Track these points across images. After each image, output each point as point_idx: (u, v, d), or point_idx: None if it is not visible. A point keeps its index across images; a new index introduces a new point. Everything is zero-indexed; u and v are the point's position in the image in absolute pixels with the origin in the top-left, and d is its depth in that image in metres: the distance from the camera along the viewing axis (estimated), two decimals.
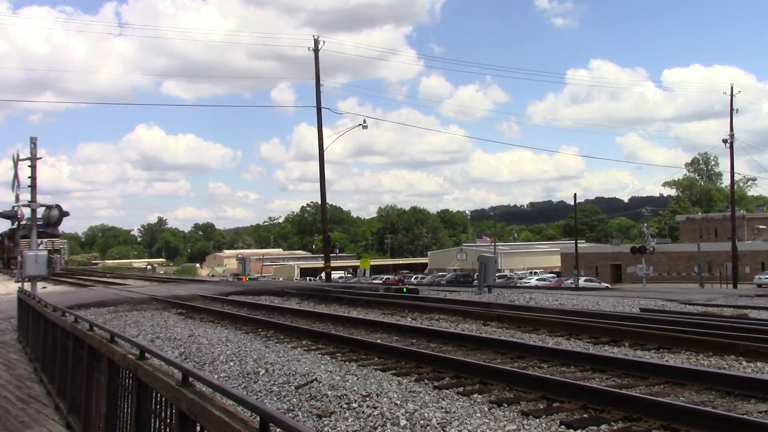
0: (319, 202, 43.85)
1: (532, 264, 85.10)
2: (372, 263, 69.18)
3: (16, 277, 21.96)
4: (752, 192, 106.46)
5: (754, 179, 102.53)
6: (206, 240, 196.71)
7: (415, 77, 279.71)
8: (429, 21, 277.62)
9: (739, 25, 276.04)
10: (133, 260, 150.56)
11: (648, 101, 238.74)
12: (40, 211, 18.62)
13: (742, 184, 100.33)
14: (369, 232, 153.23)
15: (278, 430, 2.51)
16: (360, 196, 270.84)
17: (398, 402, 6.99)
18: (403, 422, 6.30)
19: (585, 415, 6.60)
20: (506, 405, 7.03)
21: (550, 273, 70.86)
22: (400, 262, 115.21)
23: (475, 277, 32.92)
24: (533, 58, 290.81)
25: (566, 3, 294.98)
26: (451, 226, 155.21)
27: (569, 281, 56.77)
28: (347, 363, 9.84)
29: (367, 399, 7.16)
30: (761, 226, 73.38)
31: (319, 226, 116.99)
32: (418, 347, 10.94)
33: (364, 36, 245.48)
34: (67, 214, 19.26)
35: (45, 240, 43.45)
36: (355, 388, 7.68)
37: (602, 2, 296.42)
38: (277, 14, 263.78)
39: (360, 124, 38.93)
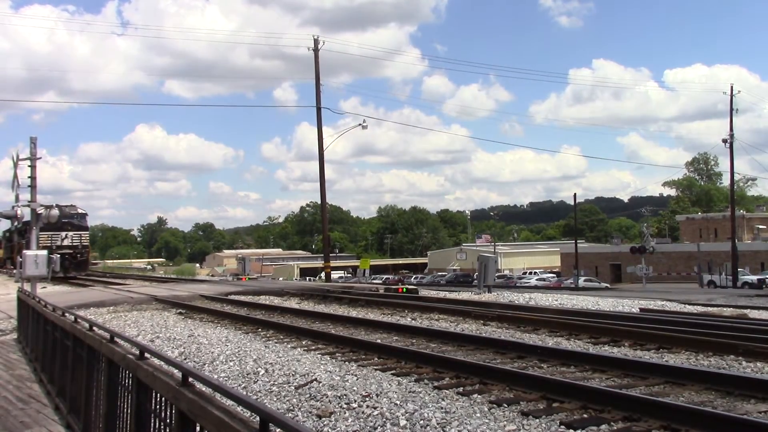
0: (319, 202, 43.85)
1: (532, 264, 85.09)
2: (372, 263, 69.29)
3: (15, 278, 21.93)
4: (752, 192, 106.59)
5: (754, 179, 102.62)
6: (206, 240, 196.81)
7: (418, 77, 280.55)
8: (433, 20, 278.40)
9: (742, 25, 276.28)
10: (133, 260, 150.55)
11: (651, 101, 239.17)
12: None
13: (742, 184, 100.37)
14: (369, 232, 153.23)
15: (278, 430, 2.51)
16: (361, 196, 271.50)
17: (398, 402, 6.99)
18: (403, 422, 6.30)
19: (585, 415, 6.59)
20: (506, 405, 7.02)
21: (550, 273, 70.87)
22: (400, 262, 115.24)
23: (475, 277, 32.92)
24: (536, 57, 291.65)
25: (571, 1, 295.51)
26: (451, 226, 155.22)
27: (569, 281, 56.78)
28: (347, 363, 9.84)
29: (367, 399, 7.15)
30: (761, 226, 73.41)
31: (318, 226, 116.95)
32: (418, 347, 10.93)
33: (369, 35, 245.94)
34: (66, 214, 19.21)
35: (71, 234, 39.30)
36: (354, 388, 7.67)
37: (606, 1, 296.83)
38: (280, 13, 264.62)
39: (360, 124, 38.98)
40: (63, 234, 38.42)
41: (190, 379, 3.48)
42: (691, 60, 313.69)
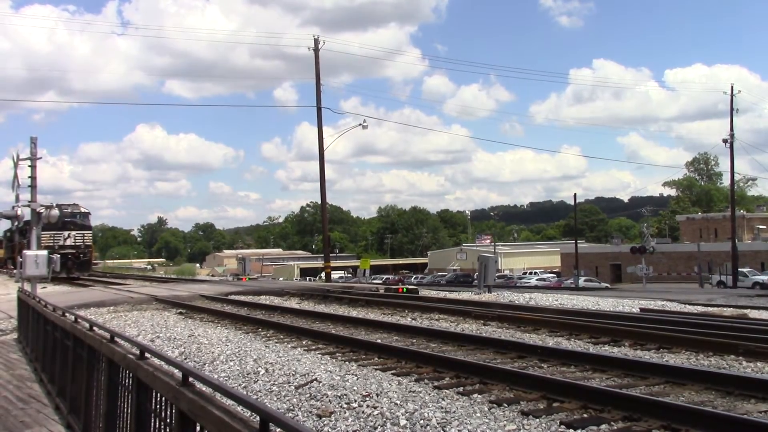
0: (320, 202, 43.85)
1: (532, 264, 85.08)
2: (372, 263, 69.25)
3: (16, 278, 21.91)
4: (752, 192, 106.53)
5: (754, 179, 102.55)
6: (206, 240, 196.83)
7: (419, 76, 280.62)
8: (434, 20, 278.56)
9: (743, 25, 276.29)
10: (133, 260, 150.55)
11: (651, 101, 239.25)
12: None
13: (742, 184, 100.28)
14: (369, 232, 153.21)
15: (278, 430, 2.51)
16: (361, 196, 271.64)
17: (398, 402, 7.00)
18: (403, 422, 6.30)
19: (585, 415, 6.60)
20: (506, 405, 7.03)
21: (550, 273, 70.86)
22: (400, 262, 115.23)
23: (475, 277, 32.92)
24: (536, 57, 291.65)
25: (572, 1, 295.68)
26: (452, 226, 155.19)
27: (569, 281, 56.76)
28: (347, 363, 9.84)
29: (367, 399, 7.16)
30: (761, 226, 73.40)
31: (318, 226, 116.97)
32: (418, 347, 10.94)
33: (369, 35, 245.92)
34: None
35: (74, 233, 38.01)
36: (355, 388, 7.68)
37: (607, 1, 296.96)
38: (280, 13, 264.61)
39: (360, 124, 39.01)
40: (65, 233, 37.58)
41: (191, 379, 3.48)
42: (691, 60, 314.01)
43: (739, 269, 52.14)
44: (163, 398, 3.66)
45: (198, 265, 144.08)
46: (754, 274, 51.76)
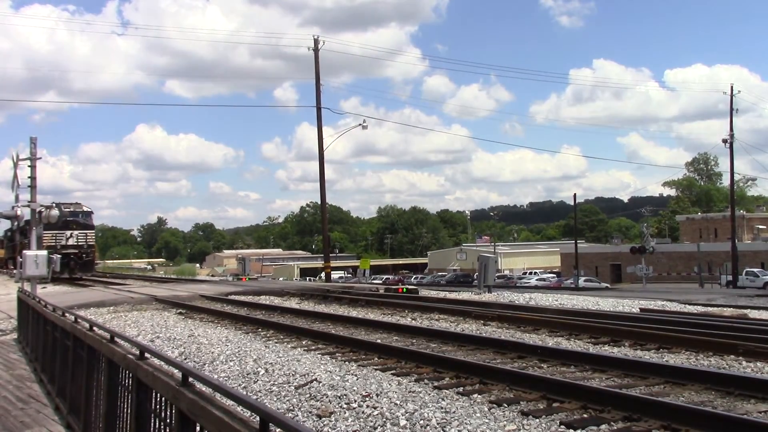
0: (319, 202, 43.85)
1: (532, 264, 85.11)
2: (372, 263, 69.34)
3: (16, 278, 21.90)
4: (752, 192, 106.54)
5: (753, 179, 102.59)
6: (206, 240, 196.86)
7: (419, 76, 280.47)
8: (434, 20, 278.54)
9: (743, 24, 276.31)
10: (133, 260, 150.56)
11: (651, 101, 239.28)
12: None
13: (741, 184, 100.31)
14: (369, 232, 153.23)
15: (278, 430, 2.51)
16: (361, 196, 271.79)
17: (398, 402, 7.00)
18: (403, 422, 6.30)
19: (585, 415, 6.60)
20: (506, 405, 7.03)
21: (550, 273, 70.88)
22: (400, 262, 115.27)
23: (475, 277, 32.92)
24: (536, 57, 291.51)
25: (572, 1, 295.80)
26: (451, 226, 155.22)
27: (569, 281, 56.78)
28: (347, 363, 9.84)
29: (367, 399, 7.16)
30: (761, 226, 73.43)
31: (318, 226, 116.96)
32: (418, 347, 10.94)
33: (369, 35, 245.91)
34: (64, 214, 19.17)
35: (76, 233, 37.07)
36: (355, 388, 7.68)
37: (607, 1, 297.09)
38: (281, 13, 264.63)
39: (360, 124, 39.01)
40: (68, 233, 36.82)
41: (190, 379, 3.48)
42: (691, 60, 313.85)
43: (750, 269, 52.03)
44: (163, 398, 3.66)
45: (198, 265, 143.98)
46: (765, 274, 51.12)
